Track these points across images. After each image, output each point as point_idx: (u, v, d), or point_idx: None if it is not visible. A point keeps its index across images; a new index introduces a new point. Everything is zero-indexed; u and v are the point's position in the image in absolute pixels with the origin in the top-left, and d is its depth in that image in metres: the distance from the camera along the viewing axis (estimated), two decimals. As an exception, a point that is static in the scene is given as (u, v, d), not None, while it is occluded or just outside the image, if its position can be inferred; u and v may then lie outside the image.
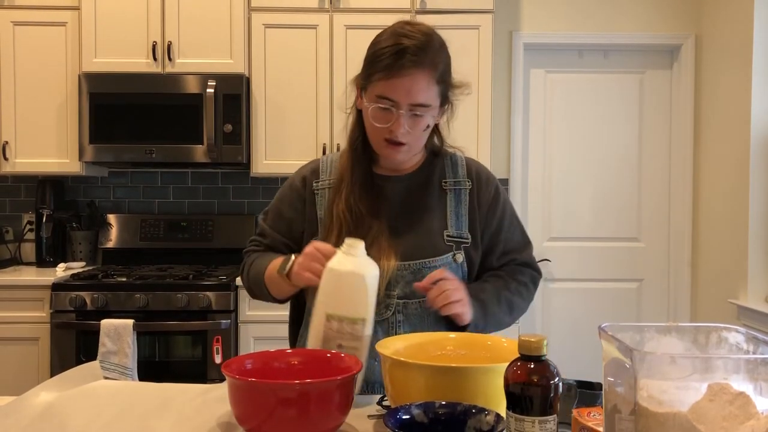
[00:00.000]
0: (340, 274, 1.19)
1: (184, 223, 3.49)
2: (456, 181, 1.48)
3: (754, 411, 0.67)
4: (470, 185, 1.48)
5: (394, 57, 1.30)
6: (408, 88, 1.31)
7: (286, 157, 3.27)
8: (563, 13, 3.63)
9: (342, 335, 1.17)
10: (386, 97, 1.32)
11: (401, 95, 1.31)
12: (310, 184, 1.49)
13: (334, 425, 0.99)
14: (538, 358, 0.85)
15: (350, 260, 1.20)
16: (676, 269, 3.69)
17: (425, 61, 1.32)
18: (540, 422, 0.83)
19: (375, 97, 1.34)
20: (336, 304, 1.18)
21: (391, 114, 1.33)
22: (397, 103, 1.32)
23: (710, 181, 3.48)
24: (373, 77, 1.34)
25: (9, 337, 2.93)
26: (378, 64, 1.32)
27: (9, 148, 3.22)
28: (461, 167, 1.50)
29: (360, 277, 1.19)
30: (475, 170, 1.51)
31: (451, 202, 1.46)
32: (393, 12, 3.24)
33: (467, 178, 1.48)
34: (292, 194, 1.52)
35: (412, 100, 1.32)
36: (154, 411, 1.13)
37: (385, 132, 1.35)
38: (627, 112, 3.71)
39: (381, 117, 1.34)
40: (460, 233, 1.44)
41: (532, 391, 0.83)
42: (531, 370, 0.84)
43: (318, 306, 1.20)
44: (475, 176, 1.49)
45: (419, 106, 1.33)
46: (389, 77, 1.31)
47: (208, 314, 2.90)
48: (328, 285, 1.20)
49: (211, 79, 3.14)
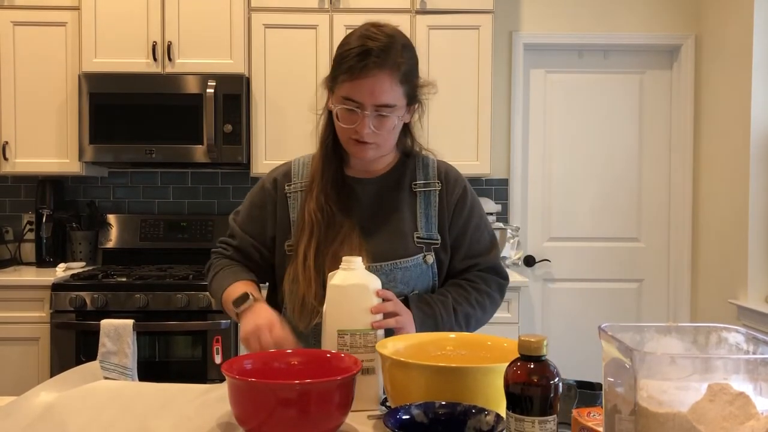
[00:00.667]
0: (344, 289, 1.21)
1: (184, 223, 3.49)
2: (426, 182, 1.49)
3: (754, 411, 0.67)
4: (440, 186, 1.49)
5: (357, 59, 1.32)
6: (371, 89, 1.33)
7: (286, 157, 3.21)
8: (563, 13, 3.63)
9: (356, 349, 1.19)
10: (351, 98, 1.34)
11: (365, 96, 1.33)
12: (282, 187, 1.52)
13: (334, 425, 0.99)
14: (538, 359, 0.85)
15: (351, 275, 1.22)
16: (676, 269, 3.69)
17: (387, 62, 1.33)
18: (540, 422, 0.83)
19: (341, 99, 1.36)
20: (345, 319, 1.20)
21: (356, 115, 1.35)
22: (362, 104, 1.34)
23: (710, 181, 3.48)
24: (338, 79, 1.36)
25: (9, 337, 2.92)
26: (342, 65, 1.35)
27: (9, 148, 3.22)
28: (432, 169, 1.51)
29: (364, 287, 1.22)
30: (444, 171, 1.52)
31: (421, 203, 1.47)
32: (392, 12, 3.24)
33: (437, 180, 1.49)
34: (263, 196, 1.55)
35: (376, 101, 1.34)
36: (154, 411, 1.13)
37: (352, 132, 1.37)
38: (627, 113, 3.71)
39: (347, 118, 1.36)
40: (429, 234, 1.46)
41: (532, 391, 0.83)
42: (531, 370, 0.84)
43: (327, 324, 1.22)
44: (444, 177, 1.50)
45: (383, 106, 1.35)
46: (353, 79, 1.33)
47: (208, 314, 2.90)
48: (334, 301, 1.21)
49: (211, 80, 3.14)
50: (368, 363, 1.18)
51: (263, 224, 1.53)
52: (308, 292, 1.38)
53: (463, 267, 1.50)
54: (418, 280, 1.45)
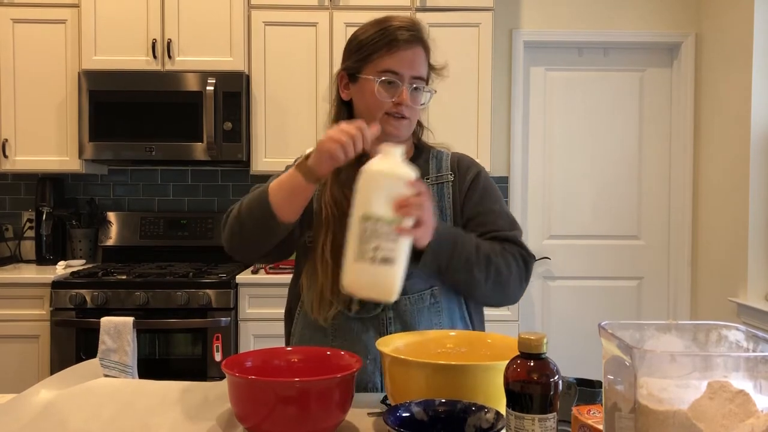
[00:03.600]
0: (377, 174, 1.16)
1: (184, 220, 3.49)
2: (439, 176, 1.47)
3: (754, 409, 0.67)
4: (452, 177, 1.47)
5: (394, 33, 1.36)
6: (411, 60, 1.37)
7: (285, 154, 3.27)
8: (563, 11, 3.63)
9: (378, 236, 1.13)
10: (391, 70, 1.36)
11: (405, 67, 1.36)
12: None
13: (334, 423, 1.00)
14: (538, 356, 0.85)
15: (388, 161, 1.17)
16: (676, 267, 3.69)
17: (422, 38, 1.41)
18: (540, 420, 0.83)
19: (378, 72, 1.37)
20: (373, 204, 1.14)
21: (395, 87, 1.37)
22: (402, 76, 1.36)
23: (710, 178, 3.48)
24: (374, 56, 1.37)
25: (9, 334, 2.93)
26: (378, 42, 1.37)
27: (9, 145, 3.21)
28: (445, 161, 1.50)
29: (397, 177, 1.16)
30: (457, 161, 1.50)
31: (434, 197, 1.44)
32: (393, 9, 3.23)
33: (450, 171, 1.48)
34: None
35: (415, 72, 1.38)
36: (154, 409, 1.13)
37: (389, 106, 1.37)
38: (627, 110, 3.71)
39: (385, 91, 1.37)
40: None
41: (532, 389, 0.83)
42: (531, 368, 0.84)
43: (355, 208, 1.16)
44: (456, 167, 1.48)
45: (419, 78, 1.39)
46: (393, 51, 1.36)
47: (208, 312, 2.90)
48: (365, 186, 1.16)
49: (211, 77, 3.14)
50: (389, 252, 1.14)
51: None
52: (326, 284, 1.35)
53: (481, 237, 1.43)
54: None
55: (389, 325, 1.37)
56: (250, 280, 3.01)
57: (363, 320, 1.36)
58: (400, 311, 1.37)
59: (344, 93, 1.44)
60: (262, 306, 3.00)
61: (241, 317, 3.00)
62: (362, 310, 1.36)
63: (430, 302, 1.39)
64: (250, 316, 3.00)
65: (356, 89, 1.41)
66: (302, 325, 1.44)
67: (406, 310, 1.37)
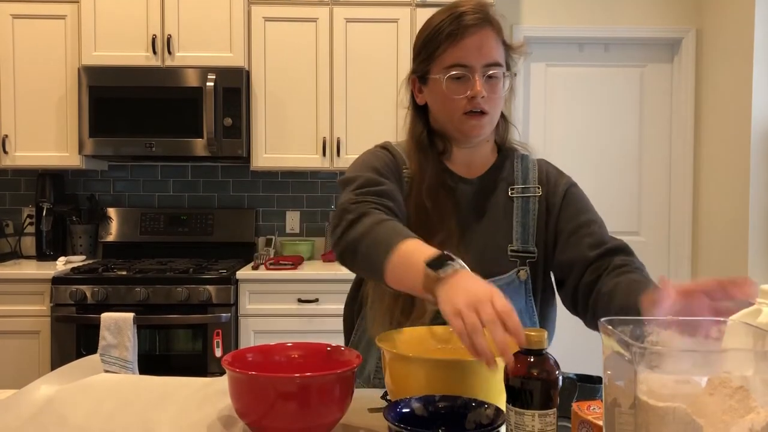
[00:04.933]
0: None
1: (184, 216, 3.49)
2: (525, 188, 1.34)
3: (754, 405, 0.67)
4: (540, 192, 1.34)
5: (456, 22, 1.24)
6: (478, 46, 1.24)
7: (286, 150, 3.27)
8: (564, 6, 3.62)
9: None
10: (458, 63, 1.24)
11: (473, 56, 1.24)
12: (401, 167, 1.33)
13: (334, 419, 1.00)
14: (538, 352, 0.85)
15: None
16: (676, 264, 3.69)
17: (488, 18, 1.26)
18: (540, 416, 0.82)
19: (445, 69, 1.25)
20: None
21: (467, 81, 1.25)
22: (471, 67, 1.24)
23: (711, 175, 3.48)
24: (438, 51, 1.26)
25: (9, 330, 2.93)
26: (439, 37, 1.25)
27: (9, 141, 3.21)
28: (532, 171, 1.36)
29: None
30: (545, 173, 1.36)
31: (518, 211, 1.33)
32: (393, 5, 3.23)
33: (537, 184, 1.34)
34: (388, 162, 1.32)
35: (485, 59, 1.25)
36: (154, 404, 1.13)
37: (464, 103, 1.26)
38: (627, 106, 3.71)
39: (456, 87, 1.25)
40: (525, 247, 1.31)
41: (532, 385, 0.82)
42: (531, 364, 0.84)
43: None
44: (545, 179, 1.35)
45: (492, 65, 1.25)
46: (457, 42, 1.24)
47: (209, 308, 2.91)
48: None
49: (211, 73, 3.13)
50: None
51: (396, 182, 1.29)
52: (395, 304, 1.25)
53: (595, 255, 1.26)
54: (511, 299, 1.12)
55: None
56: (251, 276, 3.01)
57: None
58: None
59: (419, 97, 1.34)
60: (262, 302, 3.00)
61: (241, 313, 3.00)
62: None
63: None
64: (250, 312, 3.00)
65: (428, 92, 1.31)
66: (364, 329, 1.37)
67: None
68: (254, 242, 3.54)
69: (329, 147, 3.25)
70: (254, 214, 3.54)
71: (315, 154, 3.27)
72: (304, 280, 3.01)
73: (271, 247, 3.43)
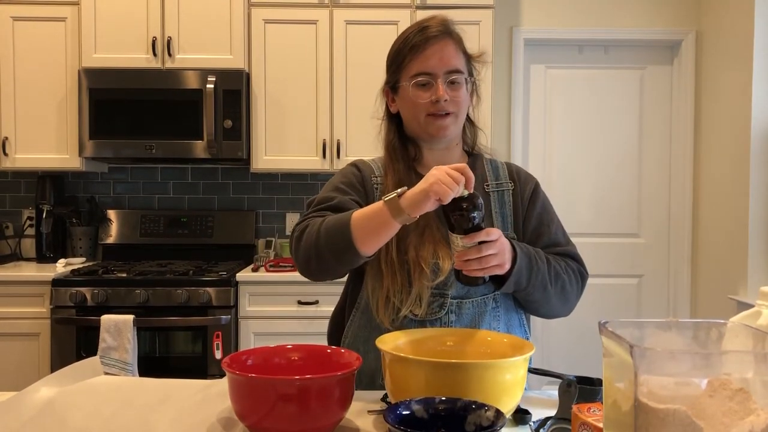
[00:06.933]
0: None
1: (184, 218, 3.49)
2: (498, 183, 1.47)
3: (754, 407, 0.67)
4: (512, 186, 1.47)
5: (419, 34, 1.37)
6: (439, 55, 1.37)
7: (285, 152, 3.27)
8: (563, 8, 3.63)
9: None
10: (422, 72, 1.37)
11: (435, 64, 1.36)
12: (369, 177, 1.46)
13: (334, 421, 1.00)
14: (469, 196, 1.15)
15: None
16: (676, 265, 3.69)
17: (448, 31, 1.40)
18: (461, 238, 1.17)
19: (411, 77, 1.38)
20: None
21: (431, 87, 1.37)
22: (434, 74, 1.37)
23: (710, 176, 3.48)
24: (405, 62, 1.39)
25: (9, 332, 2.93)
26: (405, 48, 1.39)
27: (9, 143, 3.21)
28: (502, 170, 1.50)
29: None
30: (515, 171, 1.51)
31: (495, 203, 1.44)
32: (393, 7, 3.24)
33: (509, 180, 1.48)
34: (352, 177, 1.46)
35: (446, 66, 1.37)
36: (154, 406, 1.13)
37: (428, 106, 1.37)
38: (627, 108, 3.71)
39: (421, 93, 1.38)
40: (506, 234, 1.40)
41: (461, 215, 1.15)
42: (462, 199, 1.15)
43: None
44: (516, 176, 1.49)
45: (454, 72, 1.38)
46: (420, 52, 1.37)
47: (209, 310, 2.91)
48: None
49: (211, 75, 3.13)
50: None
51: (360, 194, 1.43)
52: (392, 286, 1.34)
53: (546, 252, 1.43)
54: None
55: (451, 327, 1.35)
56: (251, 278, 3.01)
57: (424, 323, 1.34)
58: (463, 315, 1.36)
59: (392, 106, 1.46)
60: (262, 304, 3.00)
61: (241, 315, 3.00)
62: (427, 314, 1.34)
63: (492, 307, 1.38)
64: (250, 314, 3.00)
65: (399, 100, 1.43)
66: (358, 325, 1.42)
67: (468, 313, 1.36)
68: (254, 244, 3.54)
69: (329, 149, 3.25)
70: (254, 216, 3.54)
71: (315, 156, 3.27)
72: (304, 282, 3.00)
73: (271, 249, 3.43)
